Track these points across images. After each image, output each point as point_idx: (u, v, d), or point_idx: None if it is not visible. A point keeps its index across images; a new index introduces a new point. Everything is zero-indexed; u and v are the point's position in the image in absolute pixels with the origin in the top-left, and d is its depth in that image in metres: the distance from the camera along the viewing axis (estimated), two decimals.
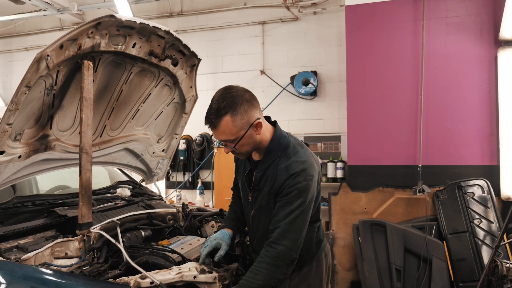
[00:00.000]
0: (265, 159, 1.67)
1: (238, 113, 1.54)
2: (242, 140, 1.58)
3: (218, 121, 1.56)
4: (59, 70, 1.71)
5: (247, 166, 1.78)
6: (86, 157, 1.76)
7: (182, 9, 5.55)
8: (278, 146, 1.65)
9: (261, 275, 1.54)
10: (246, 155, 1.69)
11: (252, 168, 1.73)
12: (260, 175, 1.67)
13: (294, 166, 1.57)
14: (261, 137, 1.64)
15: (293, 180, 1.55)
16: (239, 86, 1.65)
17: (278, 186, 1.59)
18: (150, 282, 1.44)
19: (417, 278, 3.65)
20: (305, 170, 1.58)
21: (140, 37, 1.89)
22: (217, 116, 1.56)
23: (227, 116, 1.54)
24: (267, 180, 1.64)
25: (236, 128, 1.56)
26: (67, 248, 1.69)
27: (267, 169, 1.65)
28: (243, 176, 1.79)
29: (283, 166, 1.59)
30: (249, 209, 1.79)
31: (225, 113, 1.54)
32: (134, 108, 2.28)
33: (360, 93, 4.21)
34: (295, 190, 1.55)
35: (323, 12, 4.95)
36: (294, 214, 1.55)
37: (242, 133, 1.56)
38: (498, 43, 3.86)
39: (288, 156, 1.62)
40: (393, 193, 4.04)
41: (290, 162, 1.59)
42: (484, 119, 3.89)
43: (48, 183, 2.86)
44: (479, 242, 3.65)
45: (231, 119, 1.54)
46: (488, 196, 3.74)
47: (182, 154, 5.29)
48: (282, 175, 1.58)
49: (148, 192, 2.69)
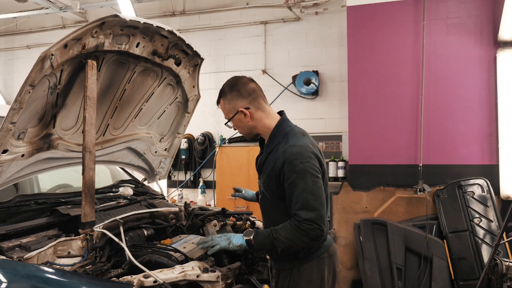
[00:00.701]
0: (268, 143, 1.82)
1: (227, 99, 1.83)
2: (233, 122, 1.84)
3: (218, 101, 1.88)
4: (63, 69, 1.71)
5: None
6: (89, 156, 1.76)
7: (185, 8, 5.55)
8: (281, 132, 1.79)
9: (285, 233, 1.65)
10: (247, 136, 1.90)
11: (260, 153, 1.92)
12: (264, 159, 1.82)
13: (290, 150, 1.69)
14: (258, 124, 1.82)
15: (290, 165, 1.66)
16: (245, 76, 1.87)
17: (278, 170, 1.70)
18: (154, 281, 1.44)
19: (418, 276, 3.67)
20: (301, 153, 1.67)
21: (143, 36, 1.90)
22: (218, 97, 1.88)
23: (221, 99, 1.86)
24: (269, 163, 1.77)
25: (226, 110, 1.84)
26: (69, 247, 1.69)
27: (270, 153, 1.79)
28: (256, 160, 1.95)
29: (281, 150, 1.71)
30: (260, 191, 1.92)
31: (220, 97, 1.87)
32: (137, 107, 2.29)
33: (361, 93, 4.21)
34: (294, 174, 1.65)
35: (324, 12, 4.96)
36: (303, 195, 1.64)
37: (231, 115, 1.83)
38: (497, 44, 3.88)
39: (287, 141, 1.74)
40: (394, 192, 4.05)
41: (288, 146, 1.71)
42: (484, 119, 3.91)
43: (50, 182, 2.86)
44: (479, 240, 3.66)
45: (223, 102, 1.85)
46: (487, 195, 3.75)
47: (184, 153, 5.29)
48: (280, 159, 1.70)
49: (150, 191, 2.69)
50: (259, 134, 1.88)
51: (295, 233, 1.63)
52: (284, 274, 1.83)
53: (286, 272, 1.81)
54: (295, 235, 1.63)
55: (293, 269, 1.79)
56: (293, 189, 1.65)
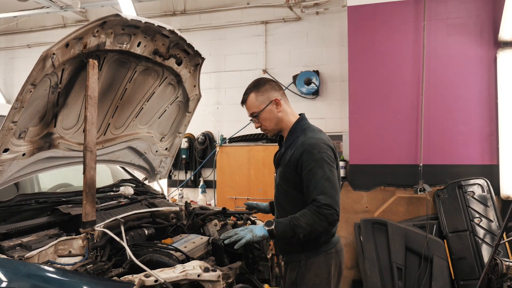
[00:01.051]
0: (288, 138, 1.96)
1: (260, 91, 1.93)
2: (263, 113, 1.92)
3: (246, 98, 1.96)
4: (64, 69, 1.71)
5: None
6: (90, 155, 1.76)
7: (185, 8, 5.54)
8: (300, 128, 1.95)
9: (305, 219, 1.73)
10: (271, 132, 1.98)
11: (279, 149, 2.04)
12: (282, 153, 1.95)
13: (308, 141, 1.84)
14: (284, 117, 1.96)
15: (309, 154, 1.80)
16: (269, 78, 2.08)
17: (296, 159, 1.83)
18: (155, 280, 1.44)
19: (418, 276, 3.67)
20: (318, 144, 1.82)
21: (145, 36, 1.90)
22: (245, 94, 1.97)
23: (252, 93, 1.94)
24: (287, 155, 1.89)
25: (258, 102, 1.93)
26: (70, 246, 1.68)
27: (288, 147, 1.92)
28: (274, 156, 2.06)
29: (300, 142, 1.86)
30: (275, 185, 2.01)
31: (250, 92, 1.95)
32: (138, 106, 2.29)
33: (361, 93, 4.22)
34: (313, 162, 1.78)
35: (325, 12, 4.95)
36: (321, 182, 1.76)
37: (262, 106, 1.92)
38: (498, 44, 3.88)
39: (305, 135, 1.90)
40: (394, 192, 4.05)
41: (306, 138, 1.86)
42: (484, 119, 3.91)
43: (51, 181, 2.86)
44: (479, 240, 3.67)
45: (254, 95, 1.93)
46: (488, 195, 3.76)
47: (184, 153, 5.29)
48: (299, 149, 1.84)
49: (151, 191, 2.69)
50: (282, 129, 1.98)
51: (315, 218, 1.72)
52: (292, 267, 1.90)
53: (294, 265, 1.89)
54: (315, 220, 1.72)
55: (301, 262, 1.87)
56: (312, 176, 1.77)
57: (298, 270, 1.87)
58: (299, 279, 1.87)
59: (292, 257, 1.92)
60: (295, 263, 1.89)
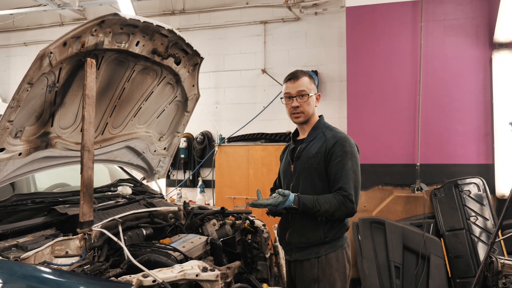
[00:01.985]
0: (310, 133, 2.04)
1: (312, 80, 2.06)
2: (311, 98, 2.01)
3: (302, 75, 2.03)
4: (62, 68, 1.70)
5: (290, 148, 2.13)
6: (88, 155, 1.75)
7: (185, 7, 5.53)
8: (323, 125, 2.06)
9: (328, 206, 1.82)
10: (305, 117, 2.03)
11: (296, 145, 2.09)
12: (304, 147, 2.02)
13: (340, 135, 1.97)
14: (315, 113, 2.07)
15: (341, 146, 1.91)
16: None
17: (328, 149, 1.92)
18: (153, 280, 1.43)
19: (416, 274, 3.69)
20: (348, 139, 1.95)
21: (143, 35, 1.89)
22: (302, 73, 2.04)
23: (306, 77, 2.04)
24: (312, 147, 1.98)
25: (310, 87, 2.03)
26: (67, 247, 1.67)
27: (311, 141, 2.01)
28: (288, 153, 2.12)
29: (330, 135, 1.97)
30: (289, 181, 2.04)
31: (304, 75, 2.04)
32: (136, 106, 2.28)
33: (360, 93, 4.22)
34: (344, 153, 1.89)
35: (324, 12, 4.95)
36: (350, 173, 1.86)
37: (313, 92, 2.03)
38: (493, 45, 3.91)
39: (332, 130, 2.02)
40: (392, 191, 4.06)
41: (335, 132, 1.99)
42: (480, 119, 3.94)
43: (47, 181, 2.84)
44: (475, 239, 3.69)
45: (309, 79, 2.04)
46: (483, 194, 3.79)
47: (183, 152, 5.28)
48: (331, 141, 1.94)
49: (149, 190, 2.68)
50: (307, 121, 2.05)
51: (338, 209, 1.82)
52: (310, 264, 1.90)
53: (313, 261, 1.90)
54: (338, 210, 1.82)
55: (319, 257, 1.89)
56: (341, 166, 1.87)
57: (319, 266, 1.89)
58: (321, 275, 1.88)
59: (310, 253, 1.91)
60: (314, 260, 1.90)
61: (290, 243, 1.99)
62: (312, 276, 1.89)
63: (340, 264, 1.91)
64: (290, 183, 2.02)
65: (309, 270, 1.90)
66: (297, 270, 1.96)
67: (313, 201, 1.82)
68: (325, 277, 1.87)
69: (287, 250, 2.05)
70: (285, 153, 2.19)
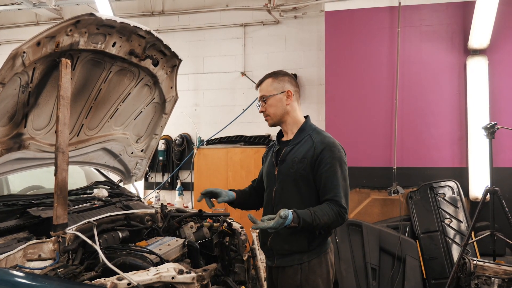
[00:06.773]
0: (297, 136, 1.98)
1: (277, 79, 1.99)
2: (271, 99, 1.96)
3: (264, 79, 2.02)
4: (36, 68, 1.67)
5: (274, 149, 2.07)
6: (62, 156, 1.72)
7: (164, 8, 5.50)
8: (310, 127, 2.00)
9: (327, 219, 1.77)
10: (272, 119, 2.00)
11: (281, 147, 2.03)
12: (289, 149, 1.95)
13: (328, 140, 1.91)
14: (291, 112, 1.99)
15: (330, 152, 1.86)
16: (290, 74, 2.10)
17: (315, 154, 1.86)
18: (127, 283, 1.42)
19: (392, 276, 3.76)
20: (337, 144, 1.91)
21: (120, 36, 1.87)
22: (266, 76, 2.02)
23: (269, 78, 2.00)
24: (298, 151, 1.92)
25: (271, 88, 1.98)
26: (40, 250, 1.63)
27: (297, 144, 1.95)
28: (272, 155, 2.05)
29: (318, 140, 1.91)
30: (273, 184, 1.98)
31: (268, 77, 2.01)
32: (113, 107, 2.25)
33: (338, 97, 4.30)
34: (333, 160, 1.84)
35: (303, 16, 5.02)
36: (340, 181, 1.83)
37: (274, 92, 1.96)
38: (467, 51, 4.05)
39: (319, 133, 1.96)
40: (369, 194, 4.14)
41: (323, 137, 1.93)
42: (454, 123, 4.07)
43: (21, 183, 2.78)
44: (450, 240, 3.80)
45: (271, 80, 1.99)
46: (457, 197, 3.90)
47: (161, 155, 5.23)
48: (319, 146, 1.88)
49: (126, 193, 2.65)
50: (284, 123, 2.00)
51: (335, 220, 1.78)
52: (293, 270, 1.86)
53: (296, 268, 1.86)
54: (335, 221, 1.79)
55: (303, 264, 1.85)
56: (333, 174, 1.83)
57: (302, 273, 1.84)
58: (304, 282, 1.84)
59: (293, 259, 1.87)
60: (297, 266, 1.85)
61: (272, 249, 1.94)
62: (295, 283, 1.85)
63: (323, 269, 1.87)
64: (273, 187, 1.96)
65: (292, 277, 1.86)
66: (279, 276, 1.92)
67: (311, 215, 1.74)
68: (309, 283, 1.84)
69: (268, 256, 2.00)
70: (268, 154, 2.11)
